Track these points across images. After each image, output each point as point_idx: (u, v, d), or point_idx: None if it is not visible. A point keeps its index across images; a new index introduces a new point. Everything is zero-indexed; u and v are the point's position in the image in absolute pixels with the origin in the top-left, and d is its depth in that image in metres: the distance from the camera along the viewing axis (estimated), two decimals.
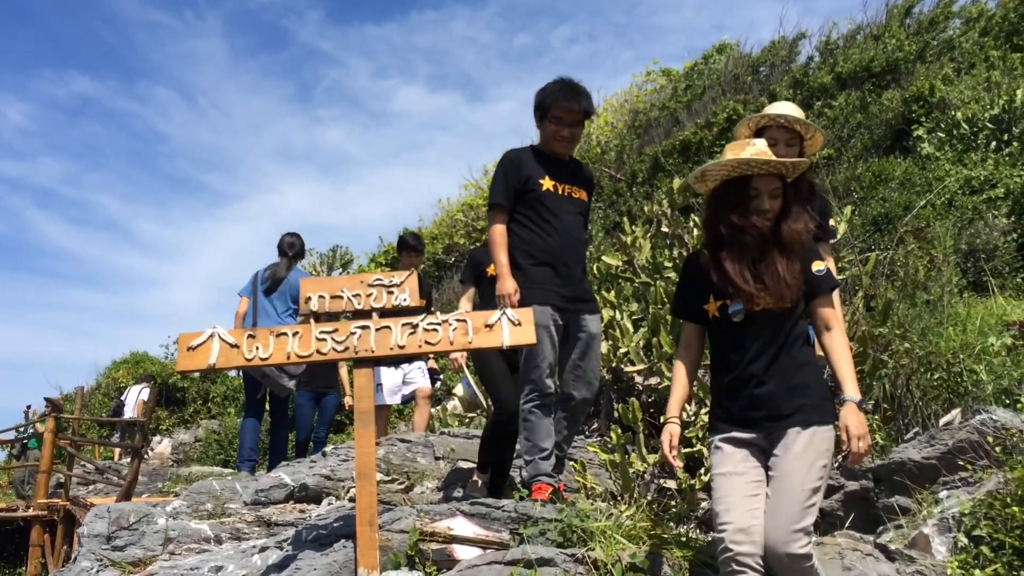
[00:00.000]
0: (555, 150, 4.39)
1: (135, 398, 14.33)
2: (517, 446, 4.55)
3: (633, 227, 7.71)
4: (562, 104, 4.24)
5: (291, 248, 7.45)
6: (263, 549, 3.89)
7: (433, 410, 8.32)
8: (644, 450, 5.47)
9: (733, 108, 14.10)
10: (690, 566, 3.07)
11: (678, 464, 2.91)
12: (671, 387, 3.03)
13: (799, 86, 14.61)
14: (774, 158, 2.87)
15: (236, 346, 3.26)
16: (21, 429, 13.67)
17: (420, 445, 6.23)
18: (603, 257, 8.60)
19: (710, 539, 3.60)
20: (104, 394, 18.62)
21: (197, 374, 19.94)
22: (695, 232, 6.78)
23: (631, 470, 5.25)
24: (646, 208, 9.01)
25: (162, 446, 14.84)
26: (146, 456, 13.17)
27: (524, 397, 4.20)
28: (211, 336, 3.26)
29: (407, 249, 7.17)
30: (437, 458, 6.08)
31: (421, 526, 3.15)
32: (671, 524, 3.66)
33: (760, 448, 2.79)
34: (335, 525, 3.47)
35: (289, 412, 8.02)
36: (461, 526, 3.16)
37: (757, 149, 2.87)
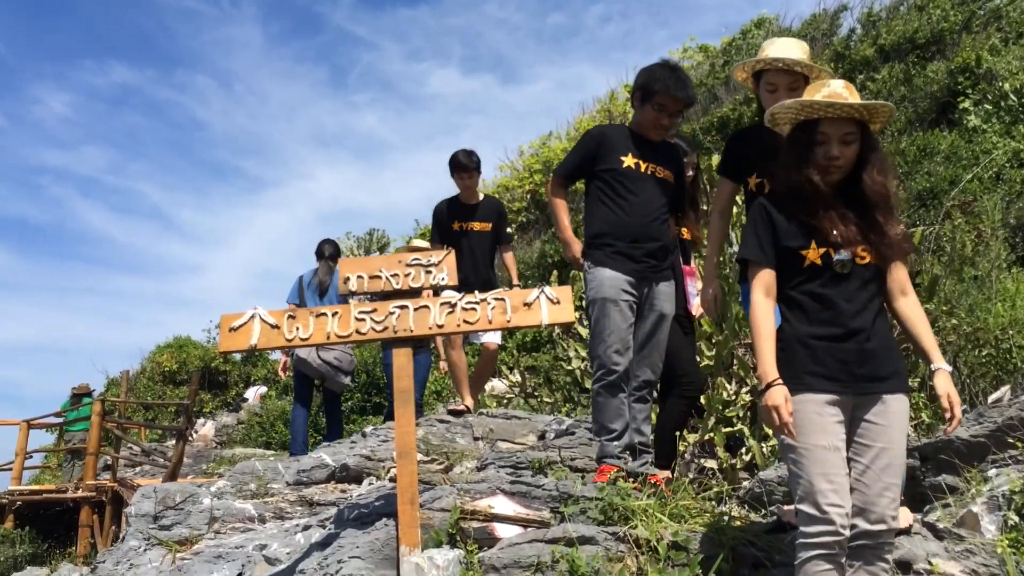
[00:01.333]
0: (650, 136, 4.23)
1: (255, 392, 17.07)
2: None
3: None
4: (671, 93, 4.06)
5: (329, 246, 7.64)
6: (306, 528, 3.93)
7: None
8: (684, 430, 5.43)
9: None
10: (733, 545, 3.04)
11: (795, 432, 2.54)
12: (761, 342, 2.62)
13: (841, 59, 14.32)
14: (844, 100, 2.63)
15: (277, 327, 3.28)
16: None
17: (459, 425, 6.25)
18: None
19: (755, 517, 3.56)
20: (148, 378, 18.95)
21: (238, 355, 20.29)
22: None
23: None
24: None
25: (205, 428, 15.12)
26: (190, 438, 13.43)
27: (593, 375, 4.06)
28: (252, 317, 3.28)
29: (459, 169, 6.31)
30: (476, 438, 6.09)
31: (462, 504, 3.16)
32: (713, 503, 3.62)
33: (843, 411, 2.59)
34: (376, 504, 3.49)
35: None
36: (502, 504, 3.16)
37: (830, 91, 2.66)
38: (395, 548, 3.06)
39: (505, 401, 8.21)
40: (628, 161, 4.13)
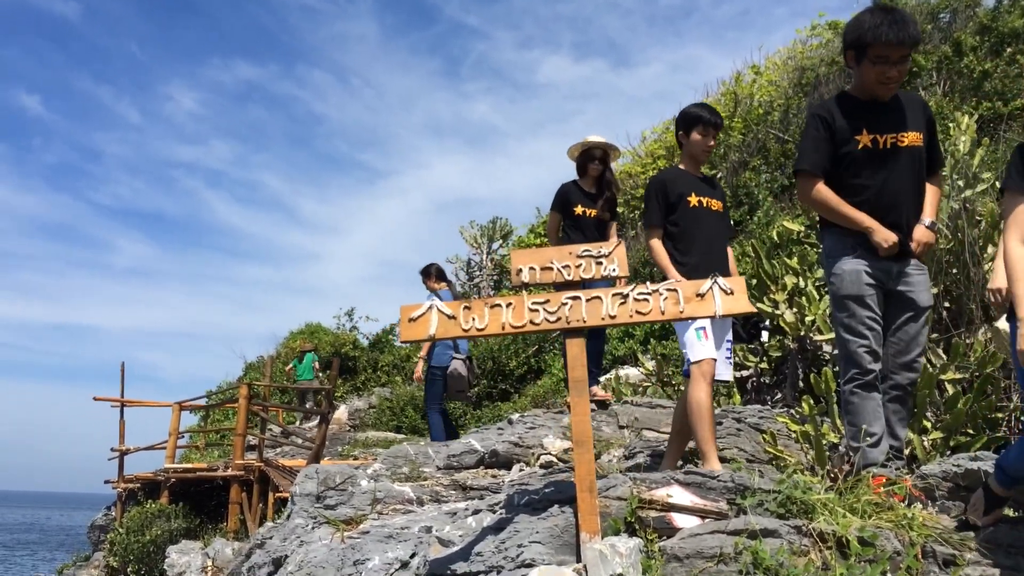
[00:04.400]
0: (879, 94, 3.78)
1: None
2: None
3: None
4: (889, 40, 3.60)
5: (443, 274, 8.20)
6: (475, 512, 4.04)
7: (604, 379, 8.28)
8: (838, 421, 5.29)
9: (912, 59, 13.24)
10: (921, 543, 2.96)
11: None
12: None
13: (986, 32, 13.52)
14: None
15: (453, 317, 3.39)
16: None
17: (603, 414, 6.29)
18: (783, 222, 8.33)
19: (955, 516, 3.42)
20: (283, 362, 19.82)
21: (366, 341, 20.94)
22: None
23: (824, 442, 5.10)
24: None
25: (339, 412, 15.71)
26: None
27: (843, 376, 3.82)
28: (430, 308, 3.40)
29: (703, 124, 4.53)
30: (621, 427, 6.12)
31: (638, 493, 3.19)
32: (893, 499, 3.52)
33: None
34: (547, 491, 3.56)
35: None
36: (679, 494, 3.17)
37: None
38: (574, 535, 3.12)
39: (641, 389, 8.19)
40: (863, 140, 3.76)
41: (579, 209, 6.31)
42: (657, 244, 4.44)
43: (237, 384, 13.20)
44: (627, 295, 3.35)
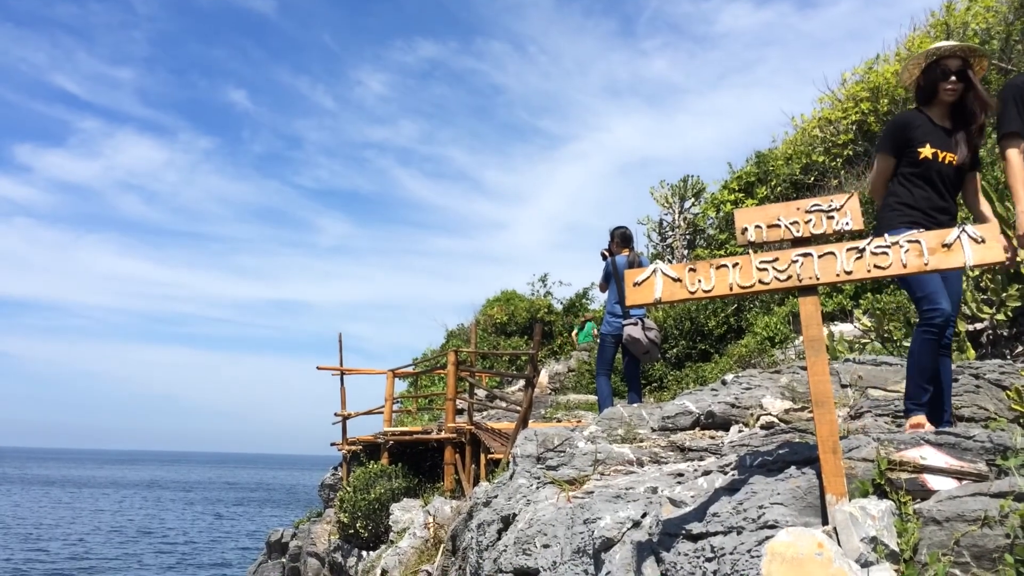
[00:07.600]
0: None
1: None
2: None
3: None
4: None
5: (629, 240, 8.06)
6: (705, 473, 4.04)
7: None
8: None
9: None
10: None
11: None
12: None
13: None
14: None
15: (678, 280, 3.37)
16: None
17: None
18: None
19: None
20: (483, 329, 20.49)
21: (559, 305, 21.23)
22: None
23: None
24: None
25: (540, 376, 16.08)
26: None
27: None
28: (654, 272, 3.40)
29: None
30: (843, 385, 5.86)
31: (887, 455, 3.07)
32: None
33: None
34: (781, 452, 3.49)
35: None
36: (932, 456, 3.02)
37: None
38: (817, 496, 3.05)
39: (858, 346, 7.81)
40: None
41: (927, 151, 4.15)
42: (1015, 156, 3.94)
43: (443, 351, 13.79)
44: (863, 249, 3.19)
